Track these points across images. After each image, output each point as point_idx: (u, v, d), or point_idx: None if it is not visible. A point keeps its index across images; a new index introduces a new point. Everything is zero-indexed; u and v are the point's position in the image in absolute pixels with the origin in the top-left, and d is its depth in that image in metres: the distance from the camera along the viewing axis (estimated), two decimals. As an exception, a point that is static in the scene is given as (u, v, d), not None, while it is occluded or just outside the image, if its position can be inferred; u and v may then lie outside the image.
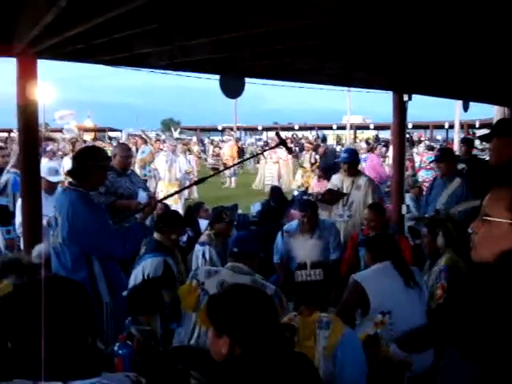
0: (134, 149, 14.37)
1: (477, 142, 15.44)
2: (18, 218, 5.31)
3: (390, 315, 3.51)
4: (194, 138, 39.46)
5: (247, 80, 5.62)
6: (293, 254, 3.37)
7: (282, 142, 5.08)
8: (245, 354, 1.95)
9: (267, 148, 20.98)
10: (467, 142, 9.38)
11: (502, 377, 1.69)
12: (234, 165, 18.57)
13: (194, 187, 14.74)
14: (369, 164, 12.95)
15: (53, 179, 5.61)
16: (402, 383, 3.16)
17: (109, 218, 3.98)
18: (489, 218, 1.83)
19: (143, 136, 19.10)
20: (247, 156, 24.29)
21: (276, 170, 18.42)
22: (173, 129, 23.00)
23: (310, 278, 2.96)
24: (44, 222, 4.14)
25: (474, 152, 11.01)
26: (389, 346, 2.98)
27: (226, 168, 17.69)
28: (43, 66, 3.86)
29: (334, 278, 4.13)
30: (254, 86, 9.89)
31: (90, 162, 3.82)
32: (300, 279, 2.98)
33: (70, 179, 3.91)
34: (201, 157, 27.73)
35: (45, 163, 6.14)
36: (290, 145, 8.11)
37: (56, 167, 6.30)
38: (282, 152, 16.71)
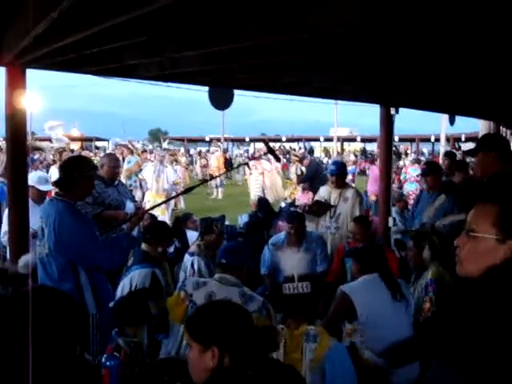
0: (120, 158, 14.29)
1: (459, 156, 15.59)
2: (4, 227, 5.27)
3: (356, 321, 3.53)
4: (182, 149, 39.38)
5: (236, 92, 5.65)
6: (280, 267, 3.38)
7: (271, 151, 5.09)
8: (234, 362, 1.95)
9: (253, 157, 21.01)
10: (450, 156, 9.51)
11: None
12: (220, 175, 18.61)
13: (181, 198, 14.71)
14: (371, 176, 13.10)
15: (43, 188, 5.58)
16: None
17: (96, 228, 3.96)
18: (475, 234, 1.82)
19: (129, 146, 19.03)
20: (235, 167, 24.38)
21: (261, 181, 18.36)
22: (162, 139, 22.95)
23: (298, 291, 2.96)
24: (30, 232, 4.11)
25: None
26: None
27: (213, 178, 17.71)
28: (30, 73, 3.84)
29: (321, 290, 4.14)
30: (242, 98, 9.93)
31: (77, 173, 3.81)
32: (287, 292, 2.99)
33: (57, 189, 3.90)
34: (188, 167, 27.69)
35: (32, 173, 6.11)
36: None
37: (46, 176, 6.28)
38: (266, 163, 16.67)
